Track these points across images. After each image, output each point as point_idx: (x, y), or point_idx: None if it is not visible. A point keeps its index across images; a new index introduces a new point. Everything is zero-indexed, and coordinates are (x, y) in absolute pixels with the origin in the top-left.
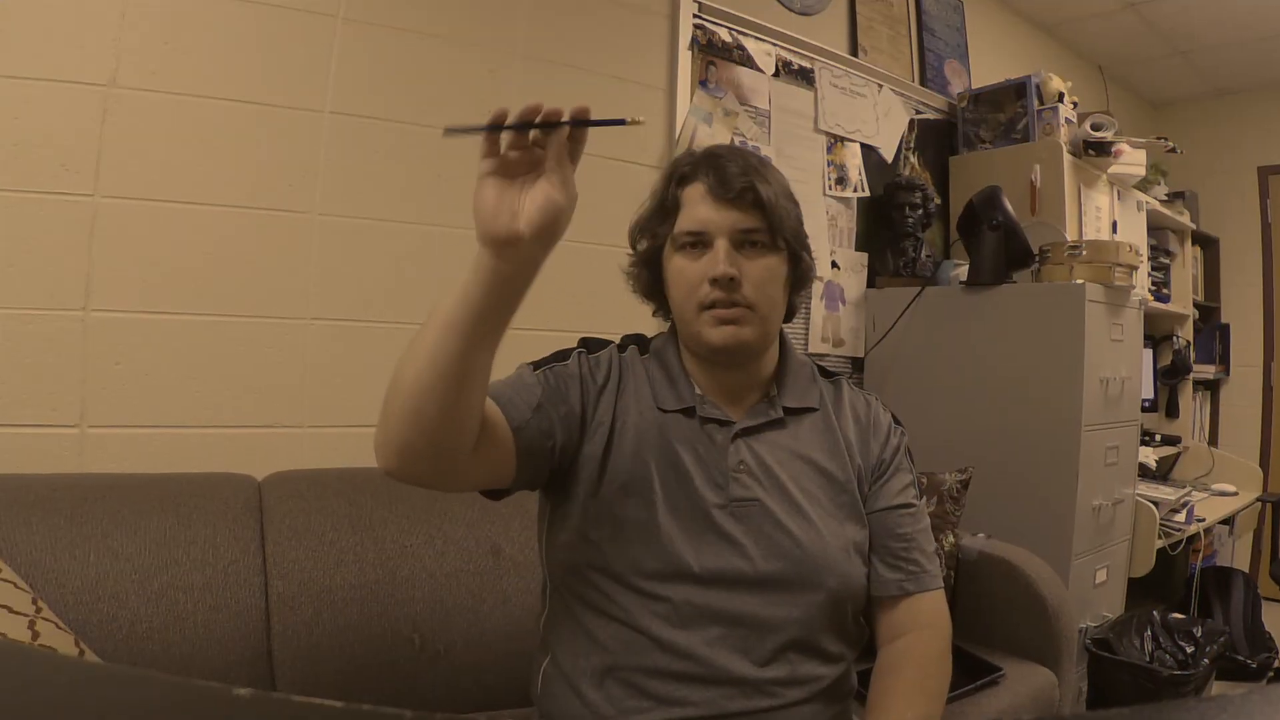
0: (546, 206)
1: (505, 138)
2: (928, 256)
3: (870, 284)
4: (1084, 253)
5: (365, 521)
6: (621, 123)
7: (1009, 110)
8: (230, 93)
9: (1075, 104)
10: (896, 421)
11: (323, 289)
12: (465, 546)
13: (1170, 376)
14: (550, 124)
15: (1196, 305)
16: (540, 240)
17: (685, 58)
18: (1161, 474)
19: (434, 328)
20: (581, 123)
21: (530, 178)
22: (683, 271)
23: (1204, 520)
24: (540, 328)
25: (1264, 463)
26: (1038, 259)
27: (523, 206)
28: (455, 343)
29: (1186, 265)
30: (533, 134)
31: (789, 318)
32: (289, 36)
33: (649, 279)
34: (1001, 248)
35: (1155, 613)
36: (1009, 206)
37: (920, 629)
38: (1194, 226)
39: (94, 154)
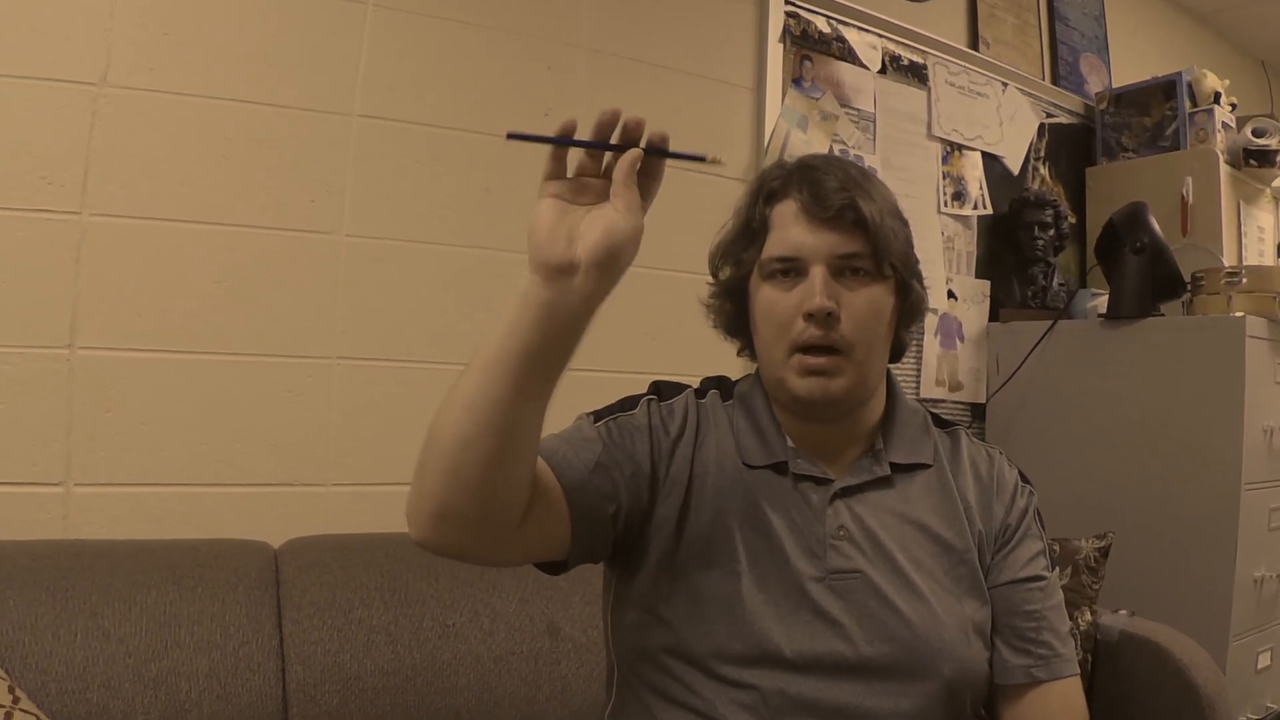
0: (609, 232)
1: (574, 156)
2: (1060, 285)
3: (993, 317)
4: (1244, 280)
5: (400, 596)
6: (700, 159)
7: (1156, 113)
8: (241, 93)
9: (1234, 106)
10: (1024, 479)
11: (351, 323)
12: (517, 626)
13: None
14: (620, 147)
15: None
16: (599, 270)
17: (776, 51)
18: None
19: (477, 371)
20: (653, 151)
21: (596, 202)
22: (772, 304)
23: None
24: (604, 369)
25: None
26: (1189, 288)
27: (582, 231)
28: (501, 389)
29: None
30: (606, 158)
31: (897, 357)
32: (311, 26)
33: (733, 312)
34: (1147, 274)
35: None
36: (1156, 226)
37: None
38: None
39: (81, 164)
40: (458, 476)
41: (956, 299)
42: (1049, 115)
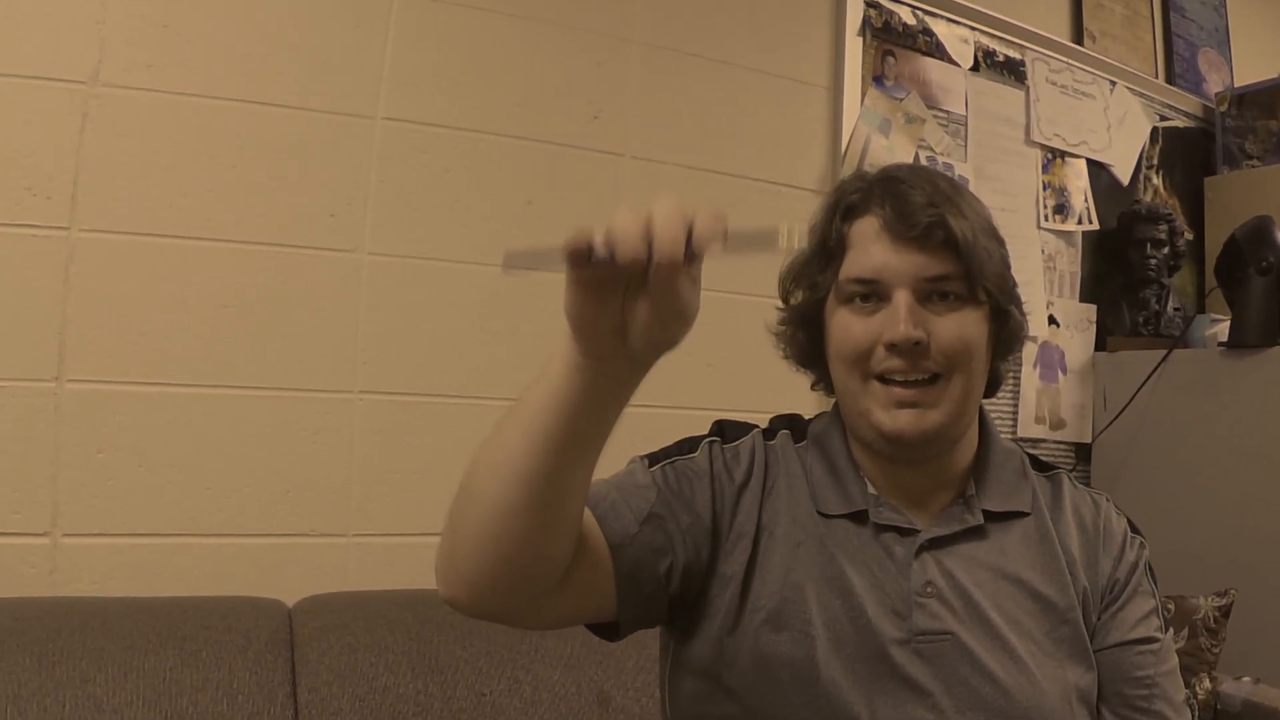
0: (663, 323)
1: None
2: (1176, 310)
3: (1100, 346)
4: None
5: (430, 661)
6: (770, 242)
7: None
8: (249, 93)
9: None
10: (1134, 530)
11: (375, 353)
12: (563, 695)
13: None
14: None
15: None
16: (654, 354)
17: (854, 46)
18: None
19: (519, 435)
20: (696, 253)
21: (639, 276)
22: (849, 331)
23: None
24: (659, 404)
25: None
26: None
27: (630, 318)
28: (547, 458)
29: None
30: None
31: (992, 392)
32: (329, 17)
33: (806, 341)
34: (1274, 297)
35: None
36: None
37: None
38: None
39: (69, 173)
40: (497, 546)
41: (1059, 326)
42: (1163, 118)
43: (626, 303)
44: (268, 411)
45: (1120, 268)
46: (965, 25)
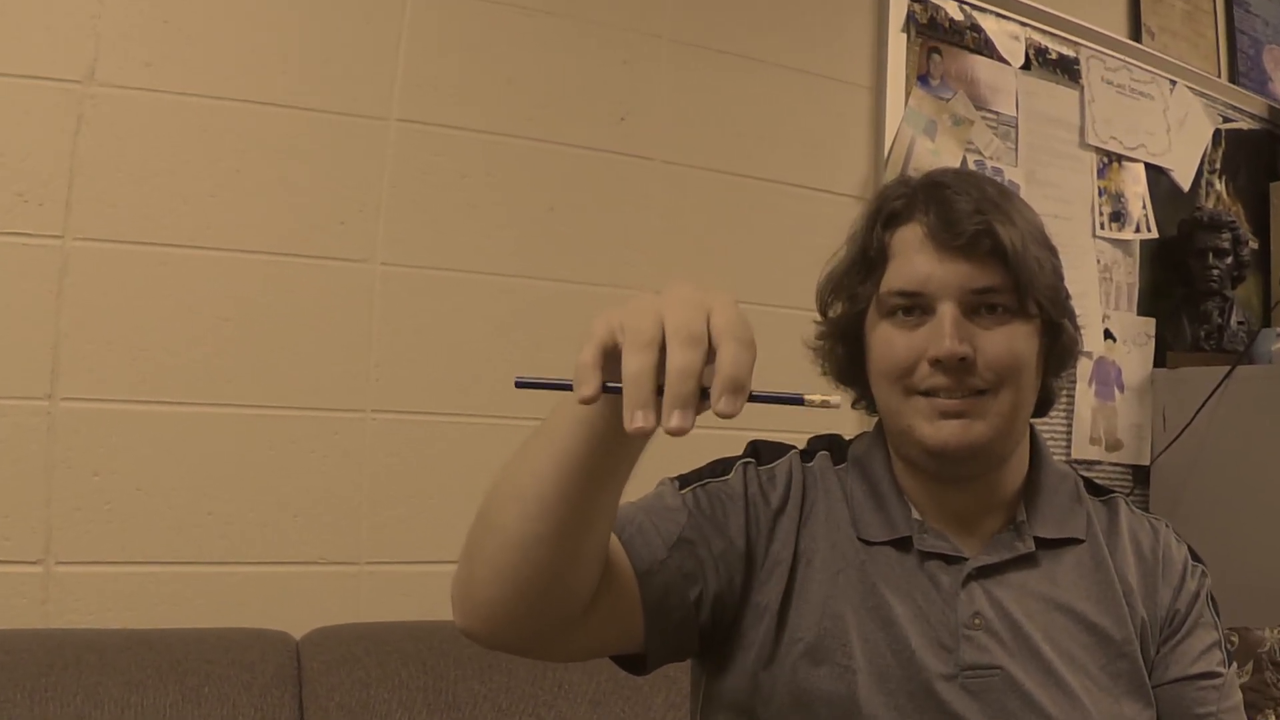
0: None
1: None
2: (1239, 323)
3: (1159, 362)
4: None
5: (447, 698)
6: (797, 401)
7: None
8: (255, 93)
9: None
10: (1195, 558)
11: (388, 370)
12: None
13: None
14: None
15: None
16: None
17: (898, 43)
18: None
19: (546, 454)
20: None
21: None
22: (890, 346)
23: None
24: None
25: None
26: None
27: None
28: (575, 480)
29: None
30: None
31: (1043, 410)
32: (340, 13)
33: (845, 356)
34: None
35: None
36: None
37: None
38: None
39: (63, 178)
40: (517, 575)
41: (1115, 340)
42: (1226, 120)
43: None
44: (274, 431)
45: (1181, 279)
46: (1016, 21)
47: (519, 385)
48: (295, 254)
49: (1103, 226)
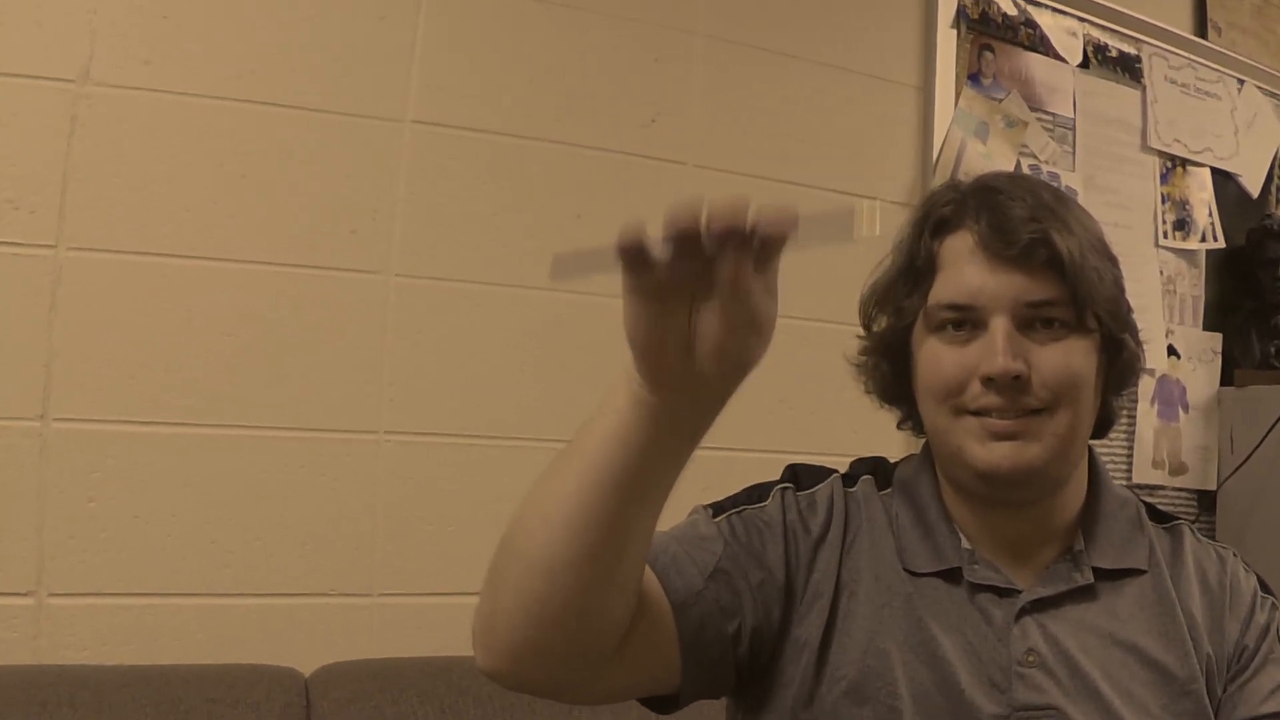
0: (737, 337)
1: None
2: None
3: (1226, 380)
4: None
5: None
6: (845, 227)
7: None
8: (260, 93)
9: None
10: (1265, 589)
11: (403, 389)
12: None
13: None
14: (720, 242)
15: None
16: (728, 379)
17: (948, 39)
18: None
19: (576, 474)
20: (772, 241)
21: (705, 287)
22: (939, 362)
23: None
24: (725, 446)
25: None
26: None
27: (699, 333)
28: (607, 502)
29: None
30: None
31: (1102, 431)
32: (350, 6)
33: (890, 374)
34: None
35: None
36: None
37: None
38: None
39: (56, 184)
40: (546, 607)
41: (1179, 357)
42: None
43: (694, 318)
44: (281, 455)
45: (1249, 291)
46: (1073, 16)
47: (556, 266)
48: (303, 265)
49: (1166, 235)
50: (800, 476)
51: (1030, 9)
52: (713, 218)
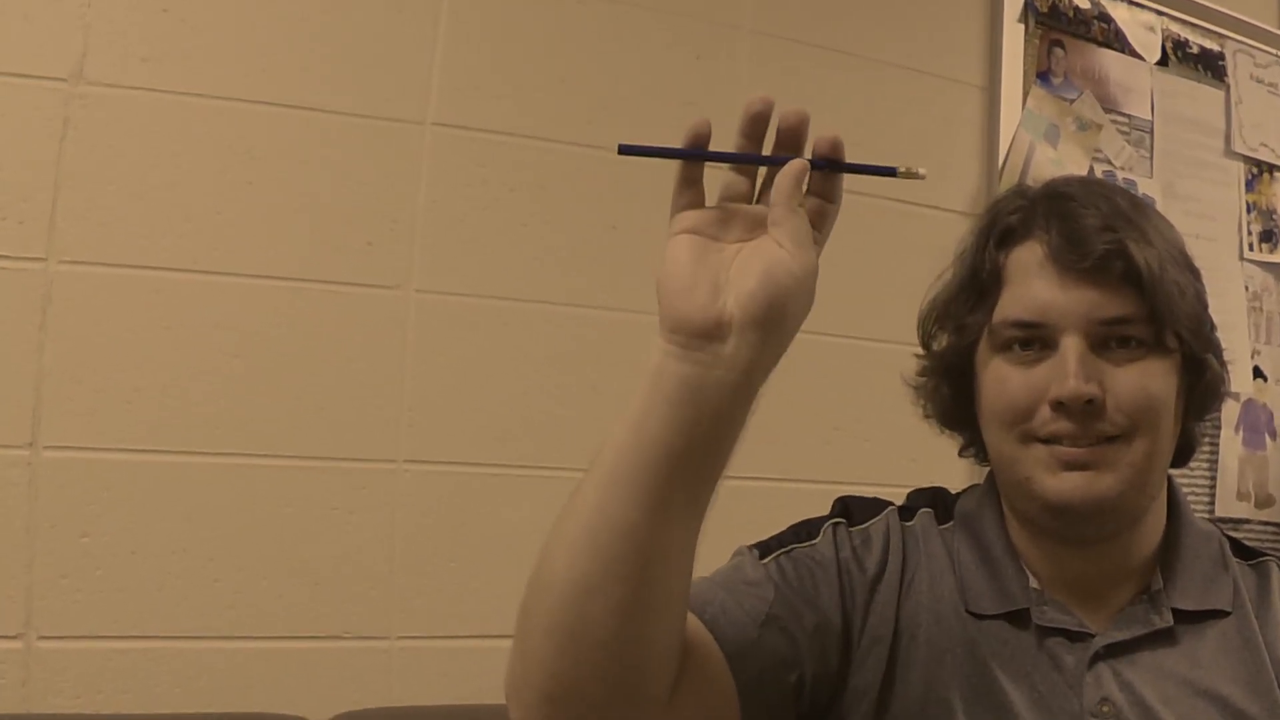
0: (770, 275)
1: (713, 175)
2: None
3: None
4: None
5: None
6: (891, 172)
7: None
8: (268, 93)
9: None
10: None
11: (423, 413)
12: None
13: None
14: (777, 160)
15: None
16: (760, 329)
17: (1015, 35)
18: None
19: (597, 485)
20: (824, 165)
21: (747, 236)
22: (1005, 385)
23: None
24: (770, 476)
25: None
26: None
27: (731, 278)
28: (632, 509)
29: None
30: (760, 175)
31: (1183, 460)
32: (369, 2)
33: (951, 396)
34: None
35: None
36: None
37: None
38: None
39: (47, 192)
40: (577, 638)
41: (1266, 380)
42: None
43: (733, 261)
44: (291, 485)
45: None
46: (1151, 10)
47: (623, 146)
48: (315, 279)
49: (1252, 248)
50: (853, 510)
51: (1104, 2)
52: (782, 114)
